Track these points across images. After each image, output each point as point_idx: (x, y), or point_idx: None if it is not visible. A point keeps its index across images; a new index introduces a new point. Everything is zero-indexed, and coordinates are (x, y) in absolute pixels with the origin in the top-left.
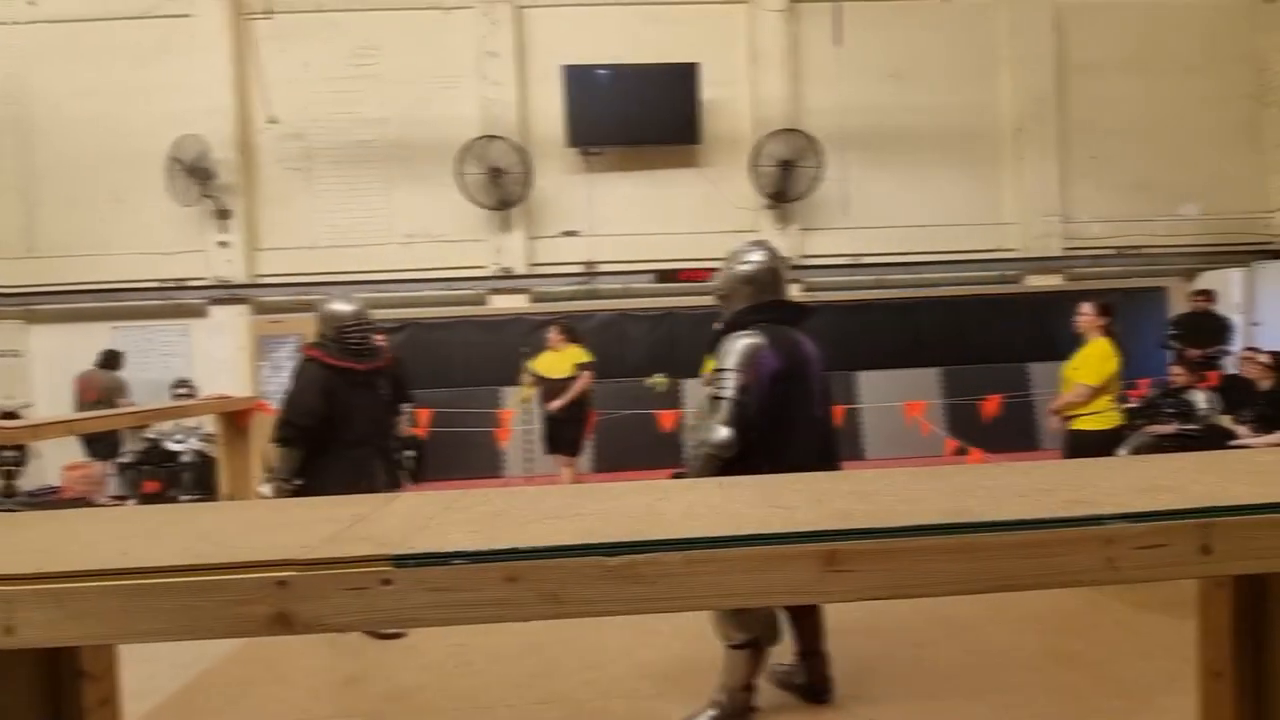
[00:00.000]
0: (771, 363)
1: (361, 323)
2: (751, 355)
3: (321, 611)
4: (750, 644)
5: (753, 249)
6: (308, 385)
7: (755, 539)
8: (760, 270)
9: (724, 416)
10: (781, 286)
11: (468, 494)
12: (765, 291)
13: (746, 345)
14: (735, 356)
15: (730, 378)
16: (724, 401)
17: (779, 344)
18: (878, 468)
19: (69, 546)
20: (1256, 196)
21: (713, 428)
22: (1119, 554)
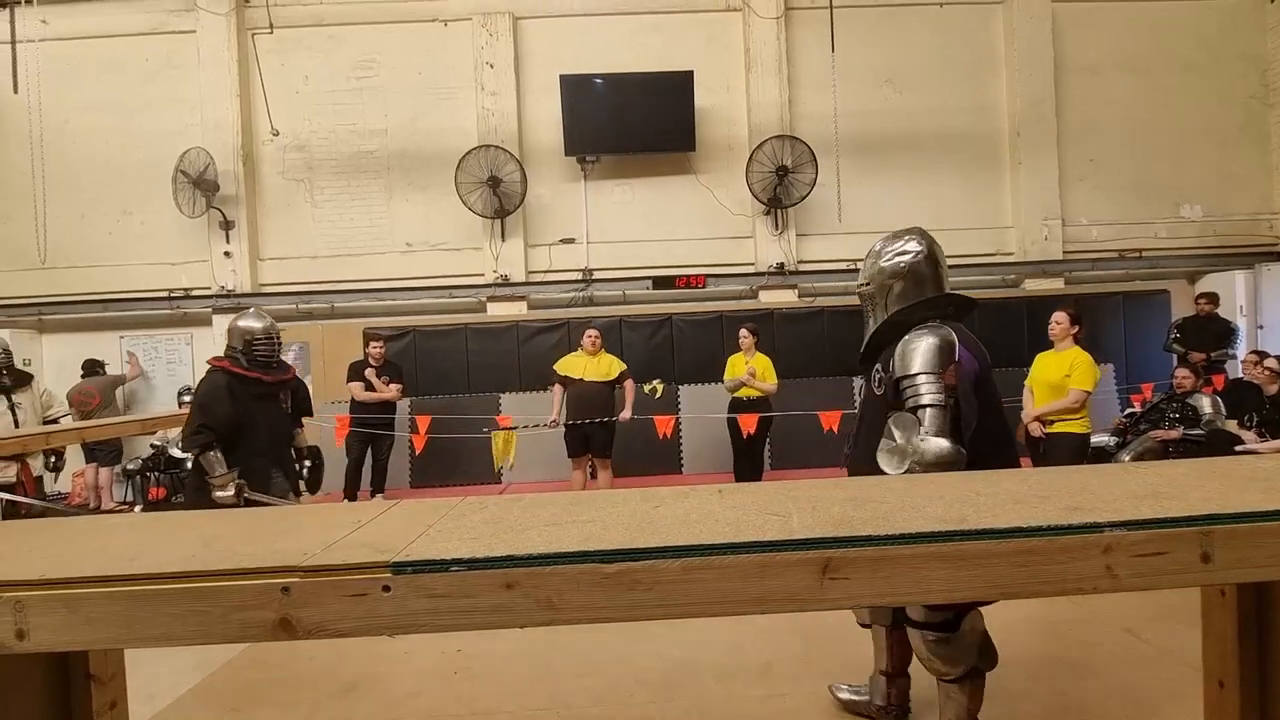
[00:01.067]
0: (971, 363)
1: (270, 337)
2: (947, 353)
3: (323, 618)
4: (968, 675)
5: (906, 238)
6: (217, 392)
7: (752, 546)
8: (920, 261)
9: (935, 426)
10: (944, 278)
11: (466, 501)
12: (926, 286)
13: (938, 343)
14: (924, 357)
15: (926, 381)
16: (929, 410)
17: (967, 341)
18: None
19: (80, 553)
20: (1261, 198)
21: (926, 441)
22: (1117, 562)
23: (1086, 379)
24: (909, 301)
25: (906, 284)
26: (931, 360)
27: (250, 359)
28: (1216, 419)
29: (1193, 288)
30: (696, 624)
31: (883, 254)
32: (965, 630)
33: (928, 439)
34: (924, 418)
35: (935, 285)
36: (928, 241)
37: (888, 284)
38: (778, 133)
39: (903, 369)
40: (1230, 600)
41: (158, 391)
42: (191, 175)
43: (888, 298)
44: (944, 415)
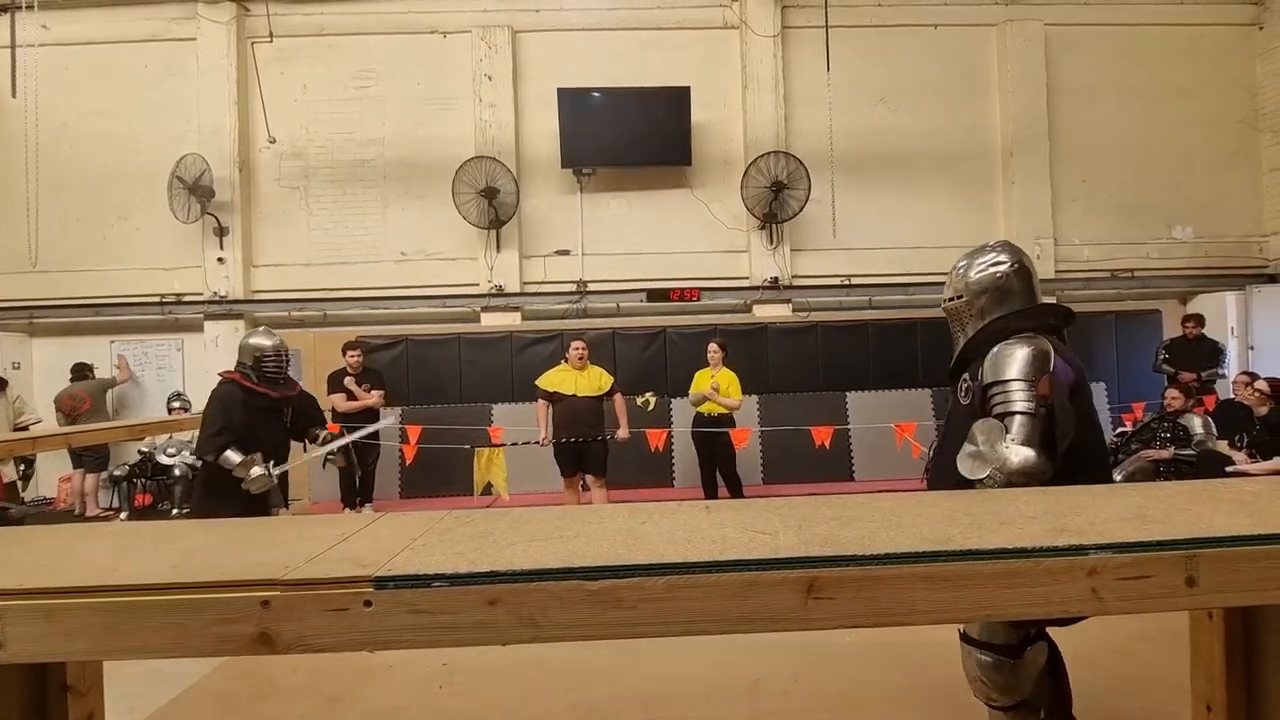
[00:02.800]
0: (1067, 373)
1: (279, 355)
2: (1042, 362)
3: (303, 632)
4: (1019, 706)
5: (997, 250)
6: (232, 401)
7: (737, 565)
8: (1013, 273)
9: (1024, 434)
10: (1037, 290)
11: (451, 515)
12: (1017, 298)
13: (1033, 351)
14: (1018, 364)
15: (1019, 389)
16: (1018, 417)
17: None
18: (867, 490)
19: (60, 562)
20: (1251, 220)
21: (1011, 449)
22: (1103, 585)
23: None
24: (1004, 311)
25: (999, 295)
26: (1025, 368)
27: (259, 375)
28: (1207, 439)
29: (1184, 308)
30: (683, 640)
31: (972, 266)
32: (1026, 660)
33: (1013, 447)
34: (1012, 425)
35: (1027, 298)
36: (1019, 253)
37: (978, 297)
38: (773, 148)
39: (993, 375)
40: (1217, 624)
41: (147, 398)
42: (187, 181)
43: (980, 309)
44: (1034, 425)
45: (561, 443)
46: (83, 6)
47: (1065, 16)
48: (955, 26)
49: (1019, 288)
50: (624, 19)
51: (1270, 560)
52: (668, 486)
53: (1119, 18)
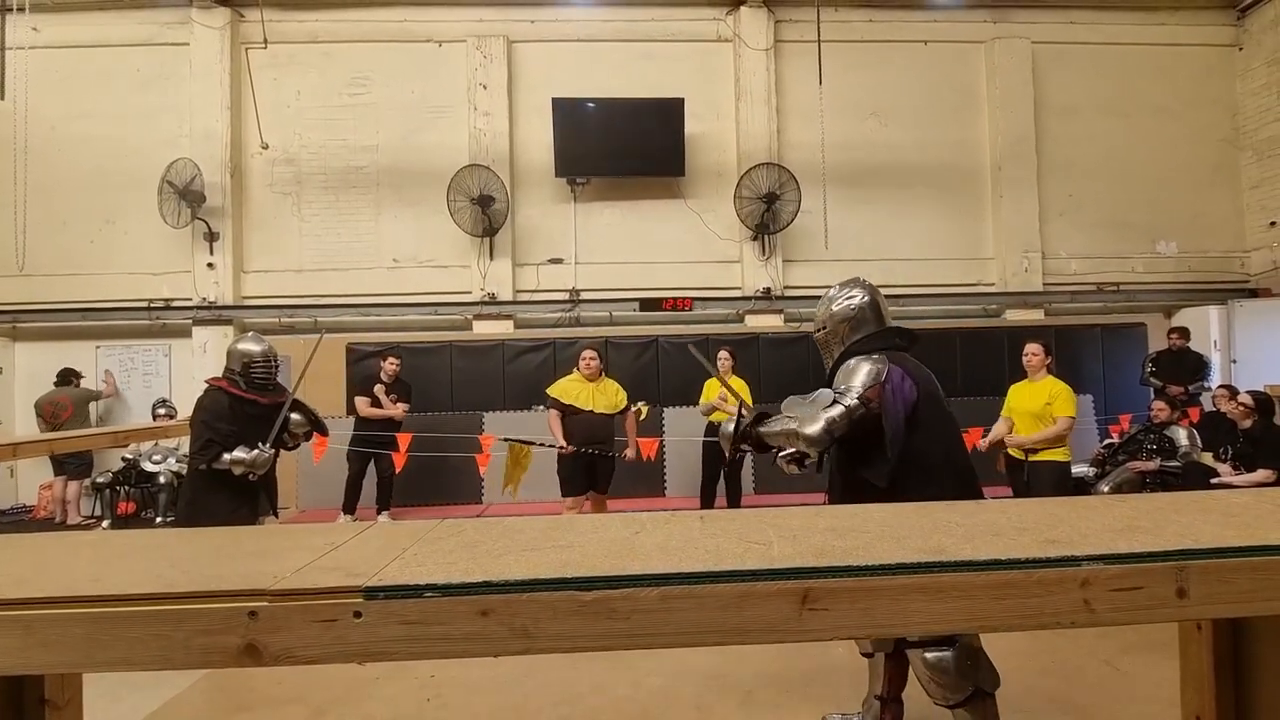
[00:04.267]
0: (905, 387)
1: (268, 361)
2: (875, 375)
3: (290, 644)
4: (975, 696)
5: (853, 287)
6: (219, 409)
7: (731, 575)
8: (865, 306)
9: (831, 417)
10: (886, 318)
11: (443, 524)
12: (871, 325)
13: (870, 367)
14: (859, 375)
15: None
16: (838, 406)
17: (907, 366)
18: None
19: (40, 572)
20: (1233, 236)
21: (816, 419)
22: (1095, 596)
23: (1069, 406)
24: (859, 336)
25: (854, 324)
26: (863, 379)
27: (248, 381)
28: (1192, 451)
29: (1169, 321)
30: (676, 651)
31: (833, 301)
32: (962, 643)
33: (819, 419)
34: (832, 409)
35: (877, 324)
36: (870, 289)
37: (839, 326)
38: (766, 160)
39: (841, 382)
40: (1206, 635)
41: (133, 404)
42: (178, 186)
43: (841, 336)
44: (846, 417)
45: (576, 455)
46: (74, 10)
47: (1052, 35)
48: (945, 43)
49: (870, 316)
50: (619, 30)
51: (1259, 572)
52: (658, 496)
53: (1104, 37)
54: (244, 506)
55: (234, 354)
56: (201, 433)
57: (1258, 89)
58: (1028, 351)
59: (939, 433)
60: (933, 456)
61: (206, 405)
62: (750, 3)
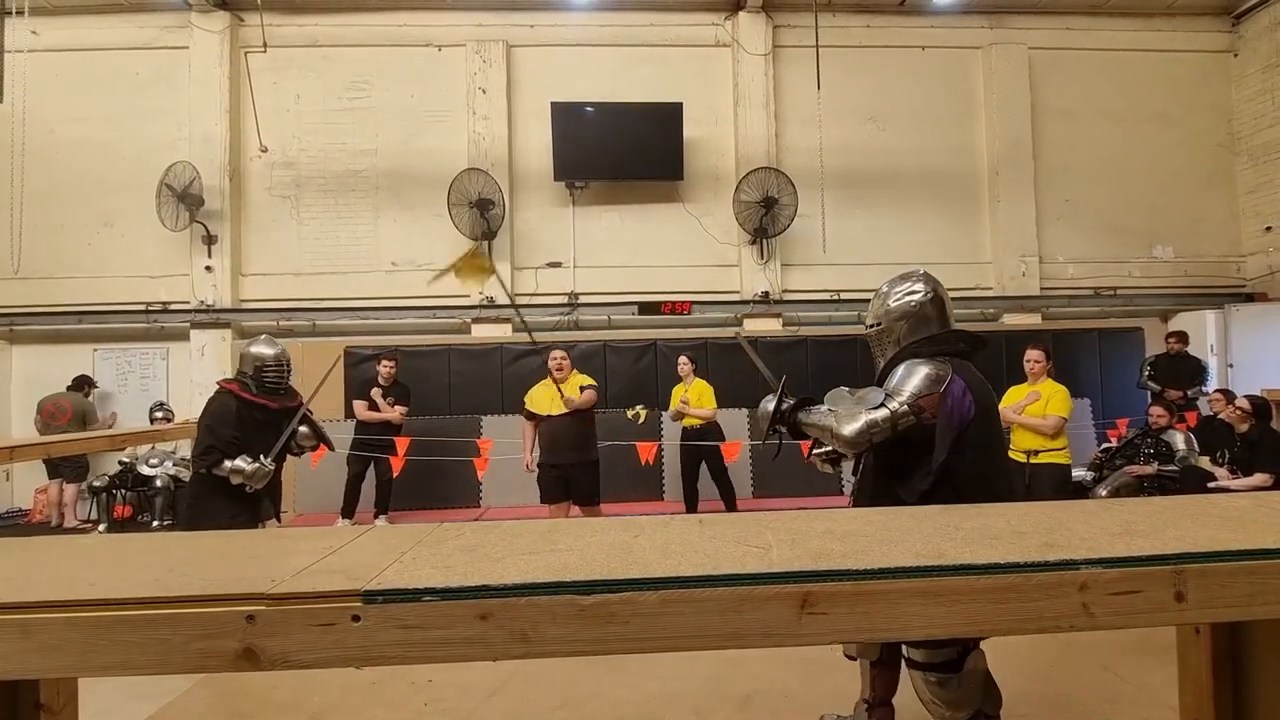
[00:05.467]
0: (965, 402)
1: (281, 365)
2: (934, 382)
3: (288, 648)
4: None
5: (914, 280)
6: (225, 414)
7: (730, 579)
8: (927, 302)
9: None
10: (950, 318)
11: (441, 528)
12: (932, 325)
13: (931, 372)
14: (916, 380)
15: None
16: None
17: (971, 379)
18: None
19: (38, 576)
20: (1229, 241)
21: (856, 419)
22: (1093, 600)
23: (1063, 407)
24: (919, 336)
25: (914, 322)
26: (920, 385)
27: (259, 385)
28: (1190, 455)
29: (1166, 326)
30: (674, 655)
31: (890, 295)
32: (968, 670)
33: (860, 419)
34: (878, 409)
35: (940, 324)
36: (934, 283)
37: (896, 323)
38: (764, 165)
39: (896, 385)
40: (1205, 639)
41: (130, 408)
42: (176, 189)
43: (897, 335)
44: (890, 422)
45: (544, 466)
46: (73, 13)
47: (1049, 40)
48: (942, 48)
49: (933, 314)
50: (618, 35)
51: (1256, 576)
52: (657, 500)
53: (1100, 43)
54: (245, 511)
55: (246, 357)
56: (205, 437)
57: (1253, 95)
58: (1029, 358)
59: (985, 458)
60: (973, 482)
61: (213, 409)
62: (748, 8)
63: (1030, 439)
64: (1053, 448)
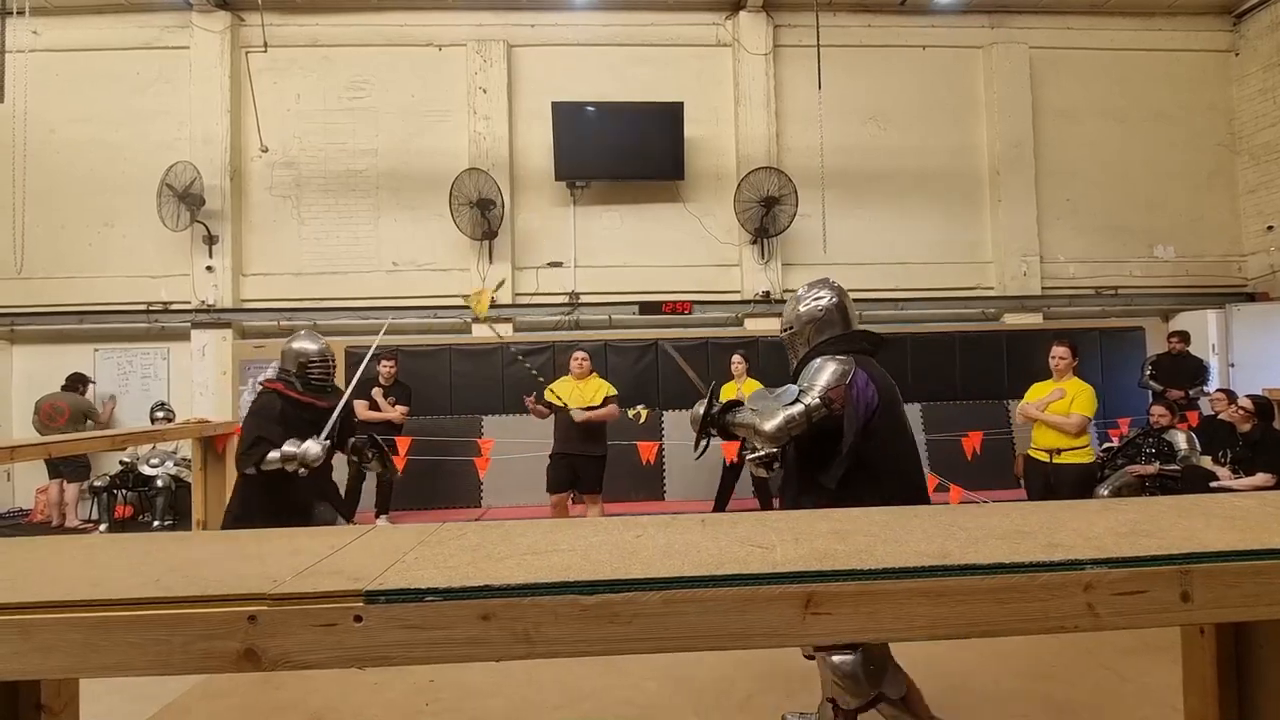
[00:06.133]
0: (869, 393)
1: (325, 360)
2: (840, 376)
3: (290, 648)
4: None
5: (821, 288)
6: (272, 413)
7: (734, 579)
8: (832, 307)
9: (790, 415)
10: (853, 320)
11: (443, 528)
12: (838, 327)
13: (837, 367)
14: (825, 375)
15: (816, 391)
16: (799, 404)
17: (873, 372)
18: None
19: (38, 576)
20: (1230, 241)
21: (776, 414)
22: (1098, 600)
23: (1087, 407)
24: (825, 336)
25: (821, 325)
26: (829, 379)
27: (304, 383)
28: (1191, 455)
29: (1167, 325)
30: (676, 655)
31: (801, 301)
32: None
33: (778, 416)
34: (793, 406)
35: (844, 326)
36: (838, 290)
37: (806, 327)
38: (765, 164)
39: (806, 380)
40: (1209, 640)
41: (131, 408)
42: (177, 189)
43: (807, 337)
44: (806, 416)
45: (556, 455)
46: (74, 13)
47: (1049, 40)
48: (943, 48)
49: (838, 318)
50: (618, 35)
51: (1262, 576)
52: (658, 501)
53: (1101, 42)
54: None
55: (289, 353)
56: (251, 431)
57: (1253, 94)
58: (1055, 354)
59: (892, 442)
60: (883, 464)
61: (258, 408)
62: (749, 7)
63: (1052, 437)
64: (1075, 446)
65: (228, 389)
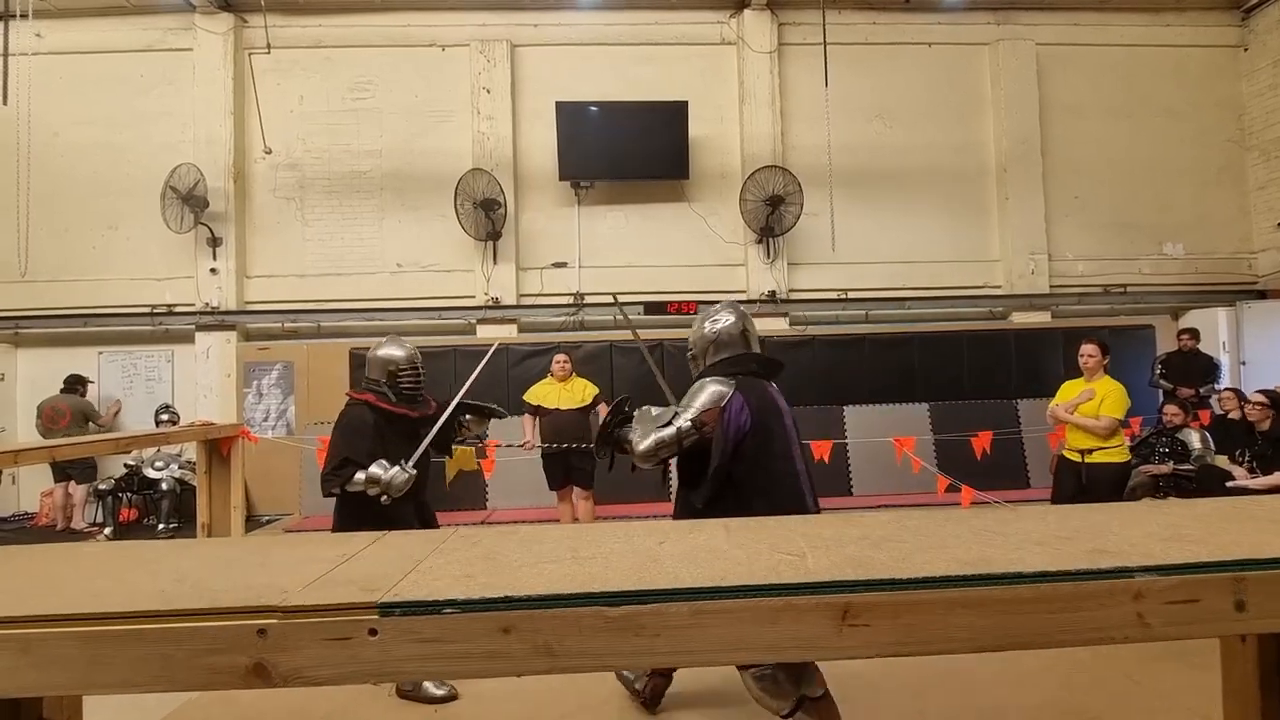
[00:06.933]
0: (742, 417)
1: (415, 367)
2: (716, 400)
3: (301, 663)
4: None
5: (724, 311)
6: (362, 426)
7: (767, 589)
8: (730, 328)
9: (662, 435)
10: (752, 343)
11: (457, 534)
12: (736, 348)
13: (713, 391)
14: (701, 398)
15: (690, 413)
16: (672, 427)
17: (751, 396)
18: (866, 505)
19: (40, 587)
20: (1240, 237)
21: (650, 437)
22: (1149, 609)
23: (1117, 408)
24: (720, 358)
25: (717, 347)
26: (704, 402)
27: (396, 393)
28: (1206, 454)
29: (1176, 323)
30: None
31: (703, 323)
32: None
33: (651, 437)
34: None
35: (743, 348)
36: (739, 313)
37: (706, 349)
38: (770, 163)
39: (685, 401)
40: (1250, 647)
41: (136, 410)
42: (181, 191)
43: (706, 357)
44: (676, 439)
45: (549, 453)
46: (78, 15)
47: (1056, 37)
48: (949, 45)
49: (736, 341)
50: (622, 34)
51: None
52: (662, 502)
53: (1108, 39)
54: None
55: (375, 361)
56: (339, 450)
57: (1263, 90)
58: (1083, 352)
59: (765, 464)
60: (753, 487)
61: (346, 421)
62: (753, 5)
63: (1084, 438)
64: (1108, 446)
65: (232, 391)
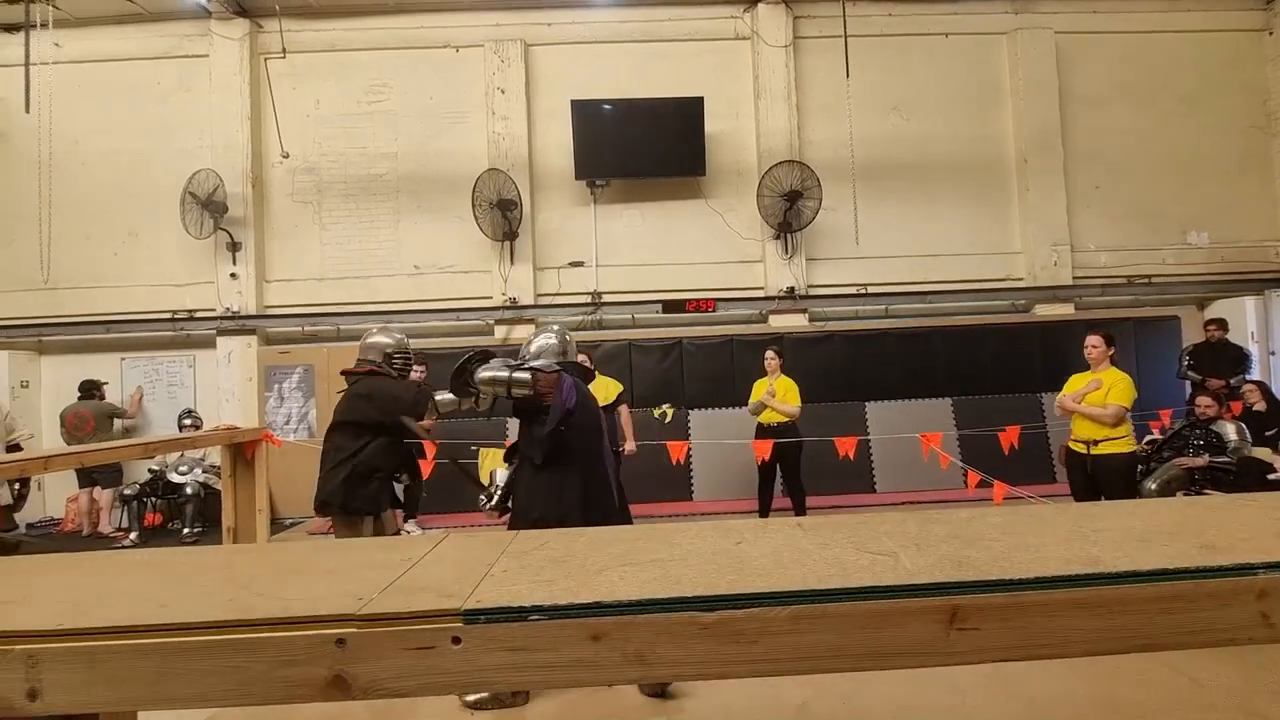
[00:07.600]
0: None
1: (405, 349)
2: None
3: (380, 674)
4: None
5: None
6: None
7: (869, 592)
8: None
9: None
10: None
11: (521, 536)
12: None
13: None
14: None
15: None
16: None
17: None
18: (890, 502)
19: (99, 597)
20: (1266, 225)
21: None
22: (1274, 609)
23: (1124, 396)
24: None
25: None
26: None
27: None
28: (1243, 446)
29: (1202, 314)
30: None
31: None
32: None
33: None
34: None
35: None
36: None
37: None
38: (787, 158)
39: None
40: None
41: (159, 416)
42: (200, 197)
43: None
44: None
45: None
46: (95, 24)
47: (1075, 25)
48: (966, 35)
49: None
50: (635, 31)
51: None
52: (686, 501)
53: (1128, 25)
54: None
55: (372, 347)
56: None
57: None
58: (1088, 343)
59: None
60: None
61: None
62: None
63: (1089, 428)
64: (1114, 436)
65: (254, 395)
